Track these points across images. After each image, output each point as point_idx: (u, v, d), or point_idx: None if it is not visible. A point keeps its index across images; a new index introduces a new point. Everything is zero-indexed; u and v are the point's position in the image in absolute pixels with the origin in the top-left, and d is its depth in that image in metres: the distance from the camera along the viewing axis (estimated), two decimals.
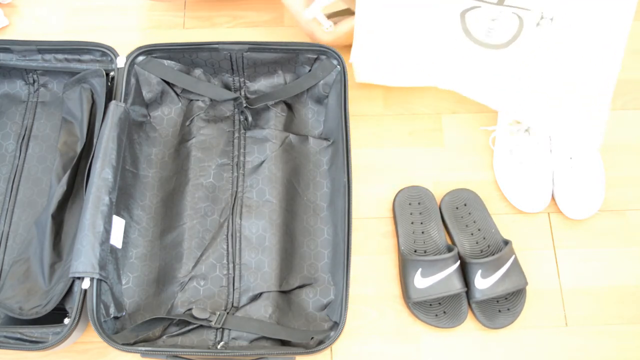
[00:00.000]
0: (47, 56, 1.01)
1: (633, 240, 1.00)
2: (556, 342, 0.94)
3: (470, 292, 0.93)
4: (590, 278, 0.98)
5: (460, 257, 0.94)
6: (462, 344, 0.94)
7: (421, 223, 0.98)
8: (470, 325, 0.94)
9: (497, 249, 0.96)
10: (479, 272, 0.92)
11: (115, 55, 0.99)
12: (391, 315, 0.95)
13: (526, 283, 0.94)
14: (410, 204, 0.99)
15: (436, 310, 0.93)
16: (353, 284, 0.93)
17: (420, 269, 0.92)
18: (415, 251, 0.96)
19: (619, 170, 1.05)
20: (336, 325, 0.86)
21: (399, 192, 1.00)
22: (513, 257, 0.95)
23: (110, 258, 0.89)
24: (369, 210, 1.01)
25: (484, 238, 0.97)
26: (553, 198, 1.02)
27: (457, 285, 0.92)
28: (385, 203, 1.02)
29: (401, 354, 0.93)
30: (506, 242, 0.96)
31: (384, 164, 1.05)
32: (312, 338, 0.85)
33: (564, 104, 0.94)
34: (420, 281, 0.92)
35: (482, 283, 0.92)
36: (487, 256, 0.95)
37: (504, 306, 0.94)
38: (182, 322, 0.89)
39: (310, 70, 1.02)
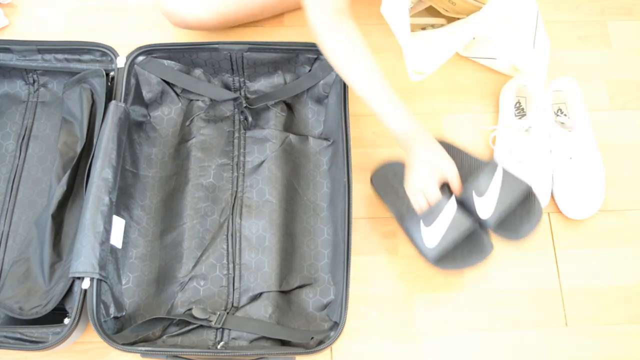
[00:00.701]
0: (47, 56, 1.01)
1: (633, 240, 1.00)
2: (556, 342, 0.94)
3: (482, 222, 0.88)
4: (590, 278, 0.98)
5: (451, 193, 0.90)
6: (462, 344, 0.94)
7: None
8: (470, 325, 0.94)
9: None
10: (473, 192, 0.87)
11: (115, 55, 0.99)
12: (391, 315, 0.95)
13: (529, 186, 0.89)
14: (387, 178, 0.97)
15: (461, 254, 0.88)
16: (353, 284, 0.93)
17: (421, 221, 0.88)
18: (408, 212, 0.92)
19: (619, 170, 1.05)
20: (336, 325, 0.86)
21: (373, 175, 0.98)
22: (499, 165, 0.89)
23: (110, 258, 0.89)
24: (369, 210, 1.01)
25: (468, 166, 0.92)
26: (553, 198, 1.02)
27: (466, 223, 0.87)
28: None
29: (401, 354, 0.93)
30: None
31: None
32: (312, 338, 0.85)
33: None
34: (428, 234, 0.87)
35: (484, 203, 0.87)
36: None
37: (521, 215, 0.89)
38: (182, 322, 0.89)
39: (310, 70, 1.02)
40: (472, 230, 0.88)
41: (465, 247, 0.89)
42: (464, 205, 0.89)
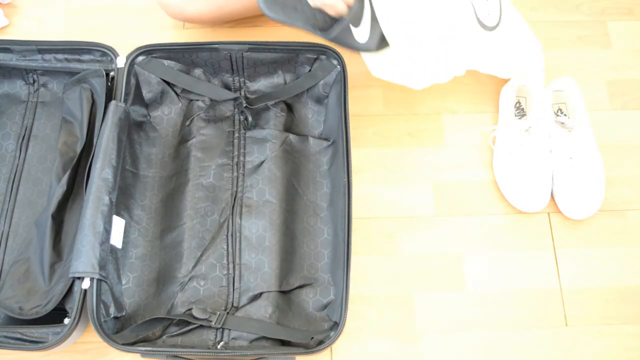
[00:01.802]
0: (47, 56, 1.01)
1: (633, 240, 1.00)
2: (556, 342, 0.94)
3: None
4: (590, 278, 0.98)
5: None
6: (462, 344, 0.94)
7: None
8: (470, 325, 0.94)
9: None
10: None
11: (115, 55, 0.99)
12: (391, 315, 0.95)
13: None
14: (277, 1, 0.93)
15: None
16: (353, 284, 0.93)
17: (350, 26, 0.89)
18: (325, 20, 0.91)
19: (619, 170, 1.05)
20: (336, 325, 0.86)
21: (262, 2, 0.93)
22: None
23: (110, 258, 0.89)
24: (369, 210, 1.01)
25: None
26: (553, 198, 1.02)
27: None
28: (385, 203, 1.02)
29: (401, 354, 0.93)
30: None
31: (384, 164, 1.05)
32: (312, 338, 0.85)
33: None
34: (359, 31, 0.90)
35: None
36: None
37: None
38: (182, 322, 0.89)
39: (310, 70, 1.02)
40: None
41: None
42: None
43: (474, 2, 0.98)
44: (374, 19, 0.88)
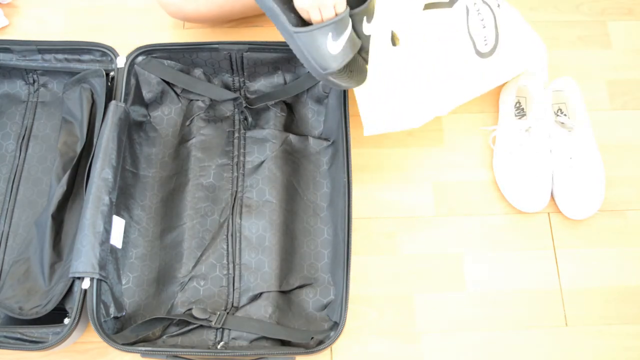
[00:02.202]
0: (47, 56, 1.01)
1: (633, 240, 1.00)
2: (556, 342, 0.94)
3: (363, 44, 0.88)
4: (590, 278, 0.98)
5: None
6: (462, 344, 0.94)
7: None
8: (470, 325, 0.94)
9: None
10: (364, 18, 0.86)
11: (115, 55, 0.99)
12: (391, 315, 0.95)
13: None
14: None
15: (346, 72, 0.88)
16: (353, 284, 0.93)
17: (330, 34, 0.84)
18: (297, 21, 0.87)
19: (619, 170, 1.05)
20: (336, 325, 0.86)
21: None
22: None
23: (110, 258, 0.89)
24: (369, 210, 1.01)
25: None
26: (553, 198, 1.02)
27: (357, 41, 0.86)
28: (385, 203, 1.02)
29: (401, 354, 0.93)
30: None
31: (384, 164, 1.05)
32: (312, 338, 0.85)
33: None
34: (332, 46, 0.85)
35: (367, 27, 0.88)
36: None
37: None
38: (182, 322, 0.89)
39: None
40: (358, 49, 0.87)
41: (349, 66, 0.88)
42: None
43: (472, 32, 0.97)
44: (350, 41, 0.85)
